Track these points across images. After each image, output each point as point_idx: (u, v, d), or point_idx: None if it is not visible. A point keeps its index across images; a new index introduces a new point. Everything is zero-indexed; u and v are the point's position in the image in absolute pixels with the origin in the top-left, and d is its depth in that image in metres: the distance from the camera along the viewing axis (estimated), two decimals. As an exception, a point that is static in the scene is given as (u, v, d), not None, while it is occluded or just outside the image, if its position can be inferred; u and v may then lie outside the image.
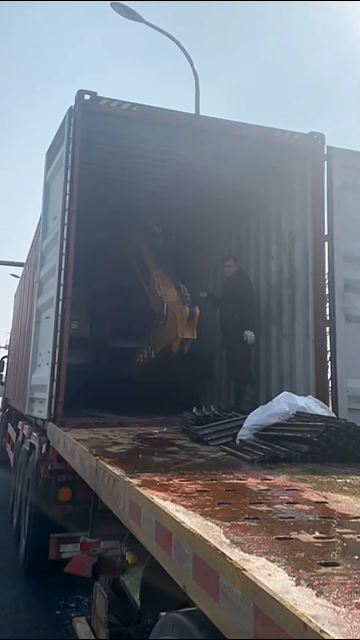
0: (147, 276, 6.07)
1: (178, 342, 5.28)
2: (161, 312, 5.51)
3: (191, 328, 5.21)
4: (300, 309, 5.25)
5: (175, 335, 5.27)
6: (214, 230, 7.31)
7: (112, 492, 2.42)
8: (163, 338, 5.70)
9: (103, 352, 7.52)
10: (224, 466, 2.84)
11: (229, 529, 1.60)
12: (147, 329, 6.19)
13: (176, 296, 5.50)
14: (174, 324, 5.30)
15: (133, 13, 10.99)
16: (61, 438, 3.99)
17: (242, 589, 1.21)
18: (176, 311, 5.32)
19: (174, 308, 5.38)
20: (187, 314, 5.16)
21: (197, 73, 11.21)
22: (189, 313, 5.16)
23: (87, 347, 7.06)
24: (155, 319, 5.72)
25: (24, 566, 5.23)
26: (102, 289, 7.41)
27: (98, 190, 6.11)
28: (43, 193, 5.71)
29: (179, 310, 5.28)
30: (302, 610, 1.03)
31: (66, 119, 4.73)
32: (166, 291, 5.60)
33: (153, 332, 6.00)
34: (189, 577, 1.50)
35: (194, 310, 5.18)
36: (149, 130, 5.10)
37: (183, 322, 5.19)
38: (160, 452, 3.27)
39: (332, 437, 3.02)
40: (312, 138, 5.20)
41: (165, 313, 5.44)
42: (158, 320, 5.64)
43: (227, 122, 5.23)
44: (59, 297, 4.54)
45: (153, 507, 1.87)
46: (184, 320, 5.18)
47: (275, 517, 1.80)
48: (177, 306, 5.36)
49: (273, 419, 3.43)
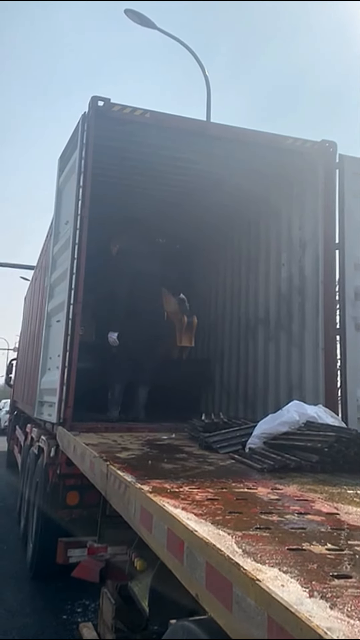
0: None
1: (177, 350, 5.62)
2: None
3: (189, 336, 5.54)
4: (310, 317, 5.24)
5: (174, 343, 5.55)
6: (224, 238, 7.33)
7: (122, 498, 2.43)
8: (163, 345, 5.92)
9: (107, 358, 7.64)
10: (233, 474, 2.84)
11: (241, 539, 1.61)
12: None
13: (176, 306, 5.76)
14: (173, 332, 5.58)
15: (146, 20, 11.09)
16: (71, 442, 4.00)
17: (256, 599, 1.21)
18: (175, 320, 5.61)
19: (173, 317, 5.66)
20: (185, 323, 5.46)
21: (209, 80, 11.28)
22: (187, 322, 5.48)
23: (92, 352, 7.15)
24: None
25: (31, 570, 5.24)
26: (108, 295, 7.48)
27: (108, 196, 6.16)
28: (55, 198, 5.76)
29: (178, 319, 5.57)
30: (317, 622, 1.04)
31: (79, 125, 4.77)
32: (166, 300, 5.86)
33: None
34: (201, 586, 1.50)
35: (192, 319, 5.52)
36: (161, 136, 5.13)
37: (182, 331, 5.51)
38: (170, 458, 3.28)
39: (343, 447, 3.01)
40: (324, 146, 5.21)
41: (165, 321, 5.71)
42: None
43: (239, 129, 5.25)
44: (69, 301, 4.56)
45: (165, 514, 1.87)
46: (182, 329, 5.49)
47: (286, 527, 1.80)
48: (176, 316, 5.63)
49: (283, 428, 3.43)
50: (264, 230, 6.29)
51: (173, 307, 5.77)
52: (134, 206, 6.68)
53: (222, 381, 7.03)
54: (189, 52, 11.28)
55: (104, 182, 5.68)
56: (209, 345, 7.39)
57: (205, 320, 7.55)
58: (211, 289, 7.66)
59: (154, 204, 6.61)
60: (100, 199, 5.11)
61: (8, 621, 4.36)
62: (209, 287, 7.77)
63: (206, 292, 7.83)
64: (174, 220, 6.98)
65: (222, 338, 7.07)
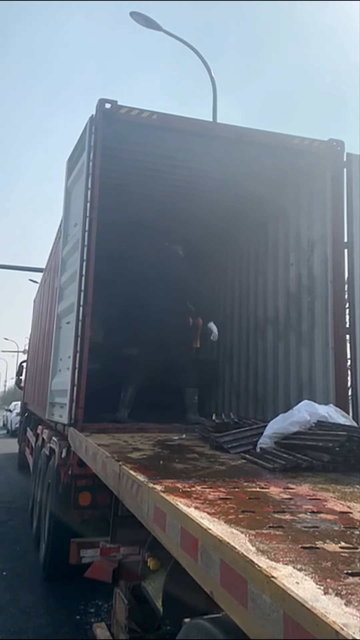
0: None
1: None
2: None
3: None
4: (319, 317, 5.23)
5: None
6: (231, 239, 7.34)
7: (135, 498, 2.45)
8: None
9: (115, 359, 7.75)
10: (245, 474, 2.84)
11: (254, 537, 1.61)
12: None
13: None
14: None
15: (152, 22, 11.13)
16: (83, 443, 4.02)
17: (271, 596, 1.22)
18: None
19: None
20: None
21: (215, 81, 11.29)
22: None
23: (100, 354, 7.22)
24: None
25: (44, 571, 5.28)
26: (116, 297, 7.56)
27: (116, 197, 6.19)
28: (64, 200, 5.80)
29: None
30: (333, 619, 1.04)
31: (87, 127, 4.81)
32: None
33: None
34: (216, 583, 1.52)
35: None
36: (168, 138, 5.15)
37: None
38: (181, 458, 3.29)
39: (355, 446, 3.01)
40: (331, 145, 5.20)
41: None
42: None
43: (246, 129, 5.26)
44: (79, 303, 4.59)
45: (178, 513, 1.89)
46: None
47: (299, 526, 1.80)
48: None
49: (294, 428, 3.43)
50: (272, 231, 6.29)
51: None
52: (141, 209, 6.72)
53: (232, 381, 7.05)
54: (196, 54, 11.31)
55: (112, 185, 5.71)
56: (219, 346, 7.41)
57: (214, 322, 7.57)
58: (220, 290, 7.68)
59: (159, 206, 6.64)
60: (107, 202, 5.14)
61: (23, 622, 4.39)
62: (217, 289, 7.79)
63: (214, 294, 7.86)
64: (180, 222, 7.00)
65: (232, 338, 7.09)
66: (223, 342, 7.21)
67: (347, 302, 4.97)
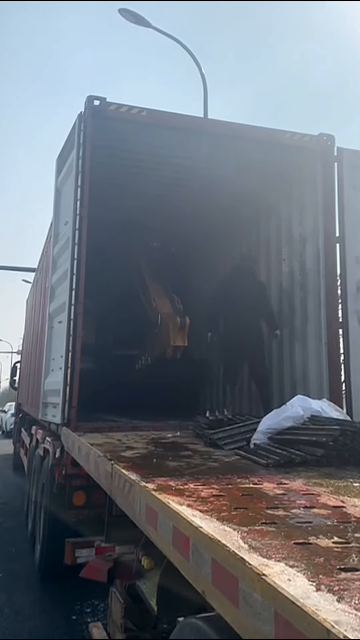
0: (144, 288, 6.62)
1: (171, 349, 5.85)
2: (156, 322, 6.08)
3: (182, 336, 5.78)
4: (312, 312, 5.22)
5: (168, 343, 5.79)
6: (223, 235, 7.32)
7: (127, 497, 2.42)
8: (158, 345, 6.21)
9: (106, 359, 7.77)
10: (239, 470, 2.82)
11: (247, 534, 1.60)
12: (145, 337, 6.70)
13: (169, 307, 6.05)
14: (167, 332, 5.83)
15: (141, 19, 11.05)
16: (75, 442, 4.00)
17: (262, 594, 1.20)
18: (169, 321, 5.85)
19: (167, 318, 5.92)
20: (178, 323, 5.72)
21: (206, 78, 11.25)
22: (180, 323, 5.73)
23: (92, 354, 7.23)
24: (151, 328, 6.26)
25: (40, 571, 5.25)
26: (106, 297, 7.56)
27: (106, 196, 6.15)
28: (54, 198, 5.75)
29: (172, 320, 5.82)
30: (324, 616, 1.02)
31: (76, 125, 4.77)
32: (160, 302, 6.17)
33: (149, 340, 6.53)
34: (208, 582, 1.50)
35: (185, 320, 5.75)
36: (159, 134, 5.12)
37: (175, 331, 5.76)
38: (175, 456, 3.27)
39: (348, 440, 3.00)
40: (322, 139, 5.18)
41: (159, 323, 6.01)
42: (153, 329, 6.20)
43: (236, 125, 5.23)
44: (71, 302, 4.56)
45: (170, 511, 1.87)
46: (176, 329, 5.75)
47: (292, 521, 1.79)
48: (170, 316, 5.90)
49: (287, 423, 3.41)
50: (264, 226, 6.28)
51: (167, 309, 6.06)
52: (131, 206, 6.69)
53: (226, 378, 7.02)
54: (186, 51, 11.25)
55: (102, 181, 5.67)
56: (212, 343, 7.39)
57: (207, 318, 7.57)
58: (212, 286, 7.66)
59: (150, 203, 6.61)
60: (97, 199, 5.11)
61: (18, 623, 4.36)
62: (209, 285, 7.78)
63: (206, 290, 7.85)
64: (171, 219, 6.98)
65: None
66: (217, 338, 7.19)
67: (339, 296, 4.96)
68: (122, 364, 7.46)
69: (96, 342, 7.63)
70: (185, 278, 8.11)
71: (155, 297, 6.28)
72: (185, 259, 8.18)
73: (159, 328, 6.05)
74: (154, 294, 6.33)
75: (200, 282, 8.06)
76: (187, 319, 5.80)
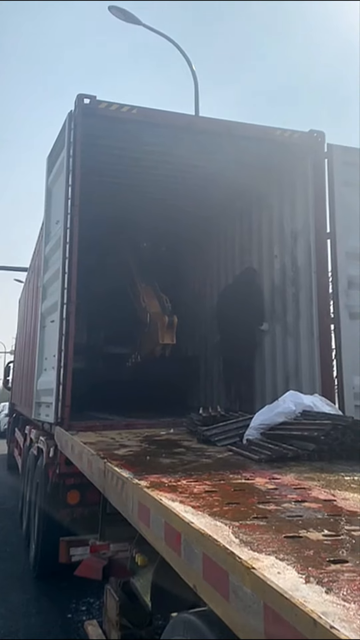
0: (134, 288, 6.74)
1: (160, 347, 5.99)
2: (145, 321, 6.22)
3: (170, 334, 5.93)
4: (304, 308, 5.24)
5: (157, 341, 5.93)
6: (215, 232, 7.33)
7: (120, 495, 2.43)
8: (147, 344, 6.36)
9: (99, 358, 7.82)
10: (231, 466, 2.84)
11: (238, 529, 1.61)
12: (135, 335, 6.83)
13: (158, 307, 6.17)
14: (155, 331, 5.97)
15: (130, 16, 11.02)
16: (69, 441, 4.00)
17: (252, 588, 1.21)
18: (157, 320, 5.99)
19: (155, 317, 6.07)
20: (166, 322, 5.87)
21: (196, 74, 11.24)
22: (168, 321, 5.87)
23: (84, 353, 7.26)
24: (141, 327, 6.40)
25: (35, 570, 5.25)
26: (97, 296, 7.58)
27: (97, 195, 6.14)
28: (45, 198, 5.74)
29: (160, 319, 5.96)
30: (311, 607, 1.04)
31: (66, 123, 4.75)
32: (149, 302, 6.30)
33: (139, 338, 6.68)
34: (199, 576, 1.51)
35: (173, 319, 5.89)
36: (149, 132, 5.11)
37: (163, 329, 5.90)
38: (168, 453, 3.27)
39: (340, 435, 3.02)
40: (312, 136, 5.20)
41: (148, 321, 6.15)
42: (143, 328, 6.35)
43: (227, 122, 5.23)
44: (63, 301, 4.55)
45: (162, 508, 1.87)
46: (164, 328, 5.90)
47: (283, 515, 1.80)
48: (158, 315, 6.04)
49: (280, 418, 3.43)
50: (256, 223, 6.29)
51: (155, 308, 6.17)
52: (122, 204, 6.69)
53: (219, 375, 7.05)
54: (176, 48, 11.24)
55: (93, 180, 5.66)
56: (206, 338, 7.43)
57: (200, 315, 7.59)
58: (205, 284, 7.68)
59: (142, 201, 6.61)
60: (89, 197, 5.10)
61: (14, 622, 4.36)
62: (202, 282, 7.80)
63: (199, 287, 7.87)
64: (163, 217, 6.98)
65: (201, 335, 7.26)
66: (211, 335, 7.22)
67: (331, 292, 4.98)
68: (115, 363, 7.52)
69: (88, 341, 7.65)
70: (177, 275, 8.16)
71: (144, 296, 6.40)
72: (178, 256, 8.22)
73: (148, 327, 6.19)
74: (143, 294, 6.44)
75: (194, 279, 8.08)
76: (175, 318, 5.93)
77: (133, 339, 6.93)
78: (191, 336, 7.73)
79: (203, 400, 6.96)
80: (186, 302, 7.76)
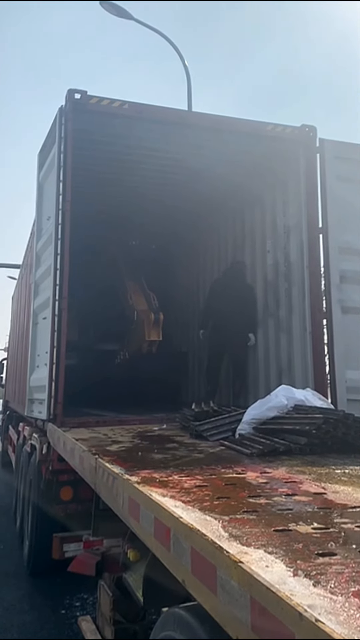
0: (122, 285, 6.80)
1: (146, 344, 6.08)
2: (132, 318, 6.32)
3: (157, 331, 6.03)
4: (297, 302, 5.25)
5: (144, 338, 6.02)
6: (207, 228, 7.32)
7: (111, 490, 2.43)
8: (134, 341, 6.45)
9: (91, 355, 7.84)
10: (223, 461, 2.84)
11: (228, 523, 1.60)
12: (123, 333, 6.90)
13: (145, 304, 6.27)
14: (142, 328, 6.06)
15: (123, 11, 10.96)
16: (61, 438, 3.99)
17: (239, 581, 1.21)
18: (144, 317, 6.09)
19: (142, 314, 6.15)
20: (153, 319, 5.98)
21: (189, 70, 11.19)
22: (154, 318, 5.98)
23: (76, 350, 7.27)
24: (129, 324, 6.48)
25: (28, 567, 5.25)
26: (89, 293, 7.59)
27: (88, 191, 6.11)
28: (36, 194, 5.70)
29: (146, 316, 6.06)
30: (298, 600, 1.03)
31: (57, 119, 4.72)
32: (136, 299, 6.38)
33: (127, 335, 6.76)
34: (187, 571, 1.50)
35: (159, 316, 6.01)
36: (141, 127, 5.09)
37: (149, 326, 6.00)
38: (160, 449, 3.27)
39: (331, 428, 3.03)
40: (304, 131, 5.19)
41: (135, 319, 6.25)
42: (130, 325, 6.44)
43: (219, 117, 5.21)
44: (55, 297, 4.53)
45: (151, 503, 1.87)
46: (150, 325, 5.99)
47: (274, 509, 1.80)
48: (145, 312, 6.13)
49: (272, 413, 3.43)
50: (248, 218, 6.28)
51: (142, 306, 6.24)
52: (113, 201, 6.67)
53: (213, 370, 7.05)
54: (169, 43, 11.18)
55: (84, 176, 5.63)
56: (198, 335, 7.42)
57: (194, 311, 7.59)
58: (198, 280, 7.67)
59: (134, 197, 6.59)
60: (79, 194, 5.07)
61: (7, 619, 4.35)
62: (193, 278, 7.80)
63: (191, 284, 7.86)
64: (155, 212, 6.96)
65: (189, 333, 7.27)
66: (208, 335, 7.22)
67: (323, 287, 4.99)
68: (106, 359, 7.53)
69: (80, 338, 7.65)
70: (168, 272, 8.18)
71: (131, 294, 6.47)
72: (168, 253, 8.23)
73: (135, 324, 6.27)
74: (130, 291, 6.50)
75: (186, 275, 8.08)
76: (161, 315, 6.04)
77: (122, 336, 6.98)
78: (184, 332, 7.74)
79: (196, 395, 6.96)
80: (178, 298, 7.77)
